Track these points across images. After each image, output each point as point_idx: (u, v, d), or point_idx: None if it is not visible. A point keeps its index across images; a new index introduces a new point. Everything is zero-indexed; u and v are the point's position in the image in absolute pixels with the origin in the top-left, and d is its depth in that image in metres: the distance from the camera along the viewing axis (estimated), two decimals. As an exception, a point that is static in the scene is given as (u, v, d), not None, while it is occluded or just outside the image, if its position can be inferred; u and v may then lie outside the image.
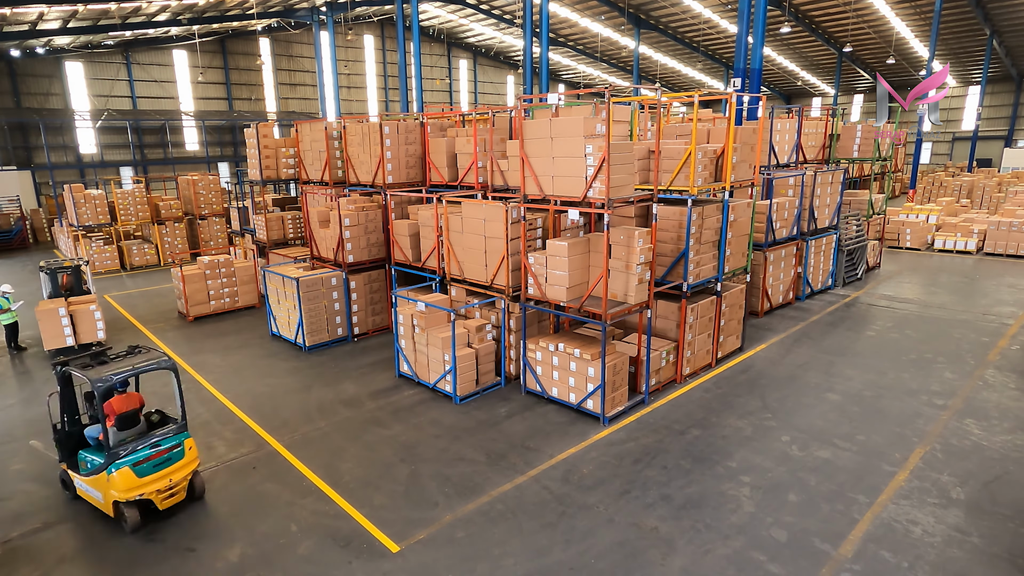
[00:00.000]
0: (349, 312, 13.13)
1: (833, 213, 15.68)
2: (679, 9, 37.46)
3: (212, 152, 37.82)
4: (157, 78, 35.98)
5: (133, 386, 7.54)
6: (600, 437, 8.73)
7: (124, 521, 6.77)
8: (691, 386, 10.44)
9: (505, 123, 12.86)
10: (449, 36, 48.93)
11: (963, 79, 48.30)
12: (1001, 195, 29.82)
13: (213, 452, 8.61)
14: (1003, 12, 33.33)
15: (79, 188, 21.17)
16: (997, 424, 8.91)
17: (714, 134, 11.21)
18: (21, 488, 7.82)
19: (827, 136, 17.29)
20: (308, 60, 41.74)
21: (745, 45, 16.53)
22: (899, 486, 7.40)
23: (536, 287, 9.40)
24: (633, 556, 6.26)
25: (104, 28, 29.82)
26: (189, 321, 14.96)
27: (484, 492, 7.44)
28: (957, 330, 13.02)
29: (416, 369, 10.68)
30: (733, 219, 10.88)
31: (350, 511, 7.14)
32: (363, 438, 8.90)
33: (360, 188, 13.66)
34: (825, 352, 11.89)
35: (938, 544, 6.37)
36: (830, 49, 42.18)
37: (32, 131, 31.54)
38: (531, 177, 9.04)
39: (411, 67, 40.23)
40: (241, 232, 18.65)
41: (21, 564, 6.41)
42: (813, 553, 6.26)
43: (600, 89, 8.60)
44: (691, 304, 10.42)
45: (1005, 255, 20.60)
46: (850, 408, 9.52)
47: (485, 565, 6.19)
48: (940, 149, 52.30)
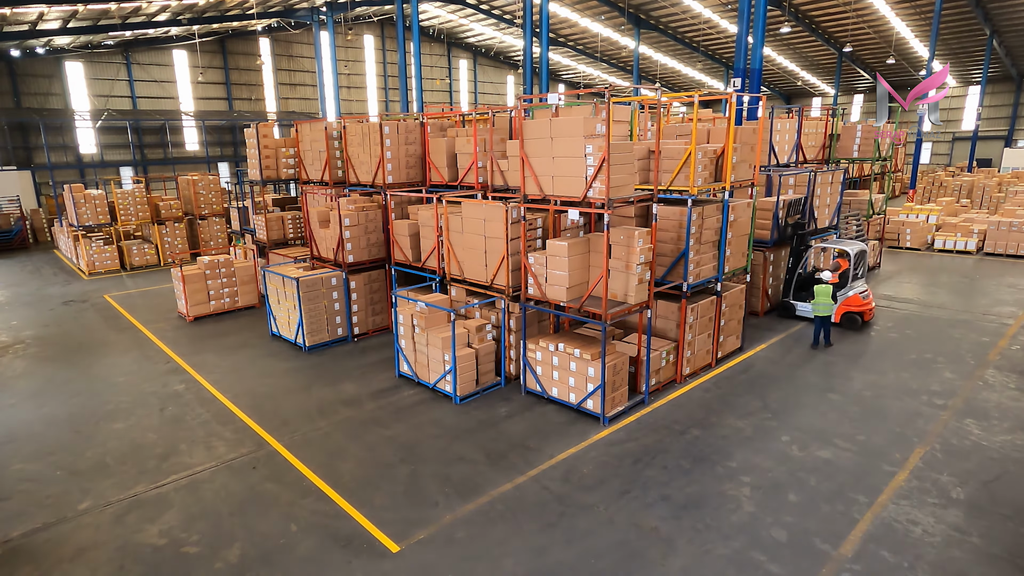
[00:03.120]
0: (349, 312, 13.13)
1: (833, 213, 15.66)
2: (679, 9, 37.46)
3: (212, 152, 37.81)
4: (157, 78, 35.98)
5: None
6: (600, 437, 8.72)
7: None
8: (691, 386, 10.44)
9: (505, 123, 12.86)
10: (449, 36, 48.93)
11: (963, 79, 48.30)
12: (1001, 195, 29.82)
13: (213, 452, 8.61)
14: (1003, 12, 33.33)
15: (79, 188, 21.17)
16: (997, 424, 8.91)
17: (714, 134, 11.21)
18: (21, 488, 7.82)
19: (827, 136, 17.29)
20: (308, 60, 41.74)
21: (745, 45, 16.53)
22: (899, 486, 7.40)
23: (536, 287, 9.40)
24: (633, 556, 6.26)
25: (104, 28, 29.82)
26: (189, 321, 14.96)
27: (484, 492, 7.44)
28: (957, 330, 13.02)
29: (416, 369, 10.68)
30: (733, 219, 10.87)
31: (350, 511, 7.14)
32: (363, 438, 8.90)
33: (360, 188, 13.66)
34: (825, 352, 11.89)
35: (938, 544, 6.37)
36: (830, 49, 42.18)
37: (32, 131, 31.54)
38: (531, 177, 9.04)
39: (411, 67, 40.24)
40: (241, 232, 18.65)
41: (21, 564, 6.41)
42: (813, 553, 6.26)
43: (600, 89, 8.59)
44: (691, 304, 10.41)
45: (1005, 255, 20.60)
46: (850, 408, 9.52)
47: (485, 565, 6.19)
48: (940, 149, 52.31)
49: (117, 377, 11.50)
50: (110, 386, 11.07)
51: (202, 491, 7.65)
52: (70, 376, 11.60)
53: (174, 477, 7.98)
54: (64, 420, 9.72)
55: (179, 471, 8.12)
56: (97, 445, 8.88)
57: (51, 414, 9.96)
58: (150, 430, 9.31)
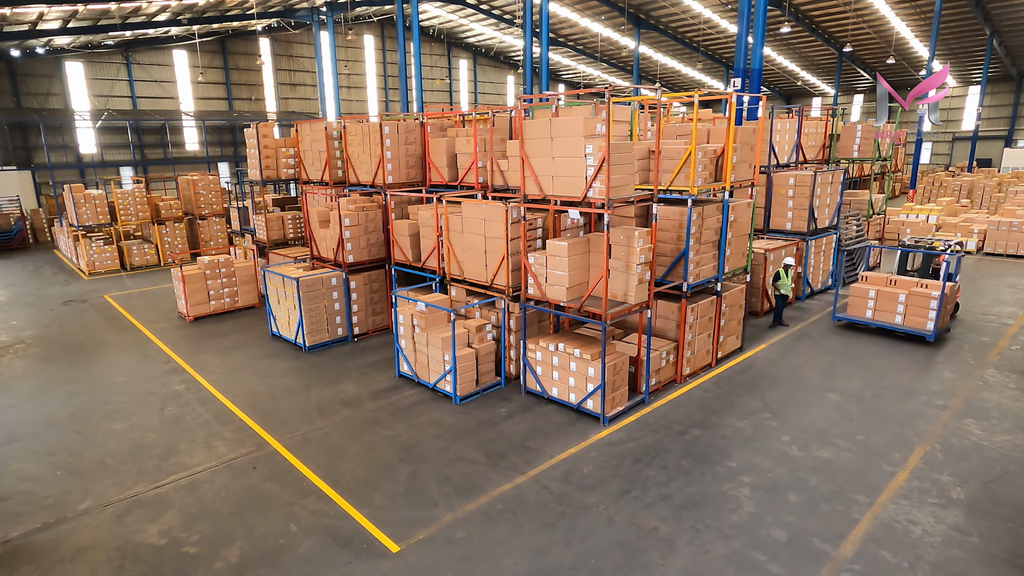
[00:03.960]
0: (349, 312, 13.13)
1: (833, 213, 15.67)
2: (679, 9, 37.46)
3: (212, 152, 37.81)
4: (157, 78, 35.98)
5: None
6: (600, 437, 8.72)
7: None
8: (691, 386, 10.44)
9: (505, 123, 12.86)
10: (449, 36, 48.92)
11: (963, 79, 48.29)
12: (1001, 195, 29.81)
13: (213, 452, 8.61)
14: (1003, 12, 33.33)
15: (79, 188, 21.17)
16: (997, 424, 8.91)
17: (714, 134, 11.21)
18: (21, 488, 7.82)
19: (827, 136, 17.30)
20: (308, 60, 41.73)
21: (745, 45, 16.53)
22: (899, 486, 7.40)
23: (536, 287, 9.40)
24: (633, 556, 6.26)
25: (104, 28, 29.81)
26: (189, 321, 14.96)
27: (484, 492, 7.44)
28: (957, 330, 13.02)
29: (416, 369, 10.68)
30: (733, 219, 10.87)
31: (350, 511, 7.14)
32: (363, 438, 8.91)
33: (360, 188, 13.66)
34: (825, 352, 11.89)
35: (938, 544, 6.37)
36: (830, 49, 42.18)
37: (32, 131, 31.54)
38: (531, 177, 9.04)
39: (411, 67, 40.25)
40: (241, 232, 18.65)
41: (21, 564, 6.41)
42: (813, 553, 6.26)
43: (600, 89, 8.60)
44: (691, 304, 10.42)
45: (1005, 255, 20.60)
46: (850, 408, 9.52)
47: (485, 565, 6.19)
48: (940, 149, 52.29)
49: (117, 377, 11.50)
50: (110, 386, 11.07)
51: (202, 491, 7.65)
52: (70, 376, 11.60)
53: (174, 477, 7.98)
54: (64, 420, 9.73)
55: (179, 471, 8.12)
56: (97, 445, 8.88)
57: (51, 414, 9.96)
58: (150, 430, 9.31)
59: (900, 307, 12.26)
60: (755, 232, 14.71)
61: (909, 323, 12.20)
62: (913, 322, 12.14)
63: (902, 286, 12.41)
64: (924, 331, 11.99)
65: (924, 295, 11.95)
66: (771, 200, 15.02)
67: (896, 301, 12.31)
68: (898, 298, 12.27)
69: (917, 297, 12.07)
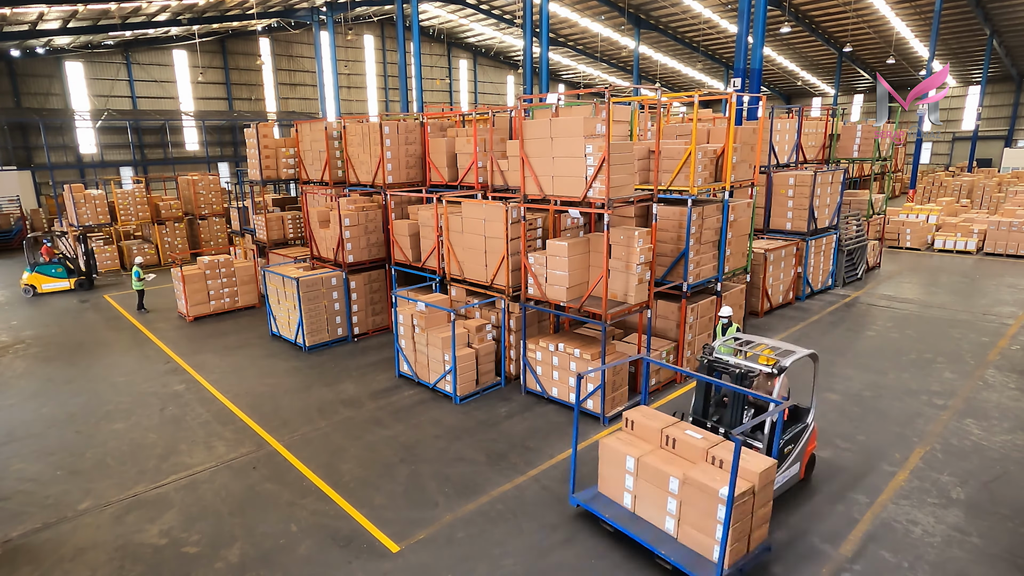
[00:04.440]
0: (349, 312, 13.13)
1: (833, 213, 15.68)
2: (679, 9, 37.45)
3: (212, 152, 37.81)
4: (157, 78, 35.98)
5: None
6: (600, 437, 8.71)
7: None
8: (691, 386, 10.44)
9: (505, 123, 12.86)
10: (449, 36, 48.92)
11: (963, 79, 48.30)
12: (1001, 195, 29.82)
13: (213, 452, 8.61)
14: (1003, 12, 33.33)
15: (79, 188, 21.16)
16: (997, 424, 8.91)
17: (714, 134, 11.22)
18: (21, 488, 7.82)
19: (827, 136, 17.31)
20: (308, 60, 41.73)
21: (745, 45, 16.53)
22: (899, 486, 7.40)
23: (536, 287, 9.40)
24: (633, 556, 6.26)
25: (104, 28, 29.82)
26: (189, 321, 14.96)
27: (484, 492, 7.44)
28: (957, 330, 13.02)
29: (416, 369, 10.68)
30: (733, 219, 10.88)
31: (350, 511, 7.14)
32: (363, 438, 8.90)
33: (360, 188, 13.66)
34: (825, 352, 11.88)
35: (938, 544, 6.37)
36: (830, 49, 42.18)
37: (32, 131, 31.53)
38: (531, 177, 9.04)
39: (411, 67, 40.22)
40: (241, 232, 18.65)
41: (21, 564, 6.41)
42: (813, 553, 6.26)
43: (600, 89, 8.60)
44: (691, 304, 10.42)
45: (1005, 255, 20.60)
46: (850, 408, 9.52)
47: (485, 565, 6.19)
48: (940, 149, 52.30)
49: (117, 377, 11.50)
50: (110, 386, 11.07)
51: (202, 491, 7.65)
52: (70, 376, 11.60)
53: (174, 477, 7.98)
54: (64, 420, 9.73)
55: (179, 471, 8.12)
56: (97, 445, 8.88)
57: (51, 414, 9.96)
58: (150, 430, 9.31)
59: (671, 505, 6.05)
60: (755, 232, 14.72)
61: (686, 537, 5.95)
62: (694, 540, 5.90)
63: (683, 453, 6.19)
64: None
65: (708, 490, 5.65)
66: (771, 200, 15.03)
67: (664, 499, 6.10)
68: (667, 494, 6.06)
69: (695, 493, 5.79)
